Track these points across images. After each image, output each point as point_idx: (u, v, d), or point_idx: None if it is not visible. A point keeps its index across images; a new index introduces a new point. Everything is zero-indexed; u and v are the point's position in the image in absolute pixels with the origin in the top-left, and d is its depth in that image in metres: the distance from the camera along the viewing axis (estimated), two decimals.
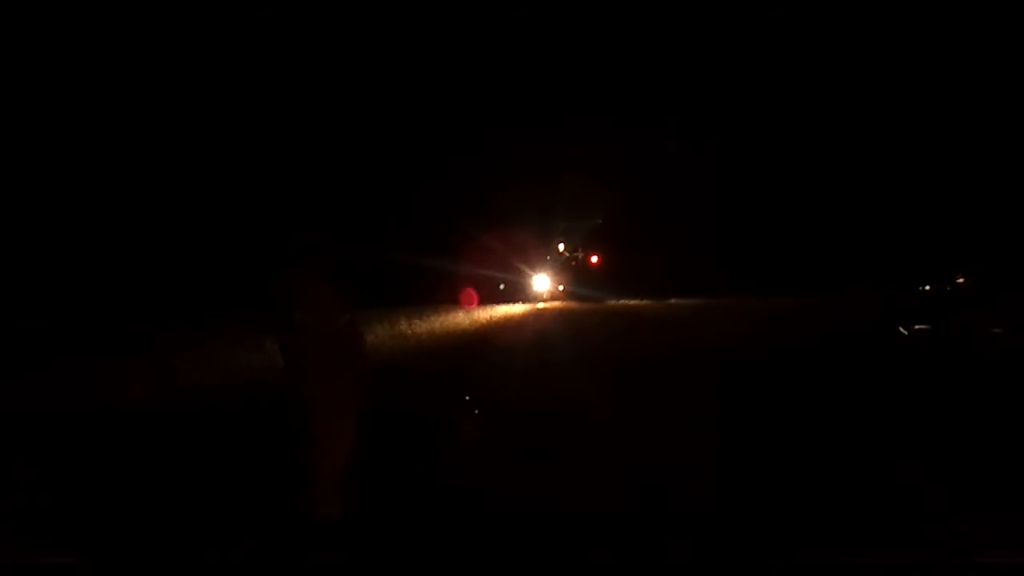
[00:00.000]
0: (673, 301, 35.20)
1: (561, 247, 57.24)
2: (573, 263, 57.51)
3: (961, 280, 14.30)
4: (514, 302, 38.38)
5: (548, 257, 56.08)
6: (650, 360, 11.60)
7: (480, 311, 26.20)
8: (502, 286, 43.31)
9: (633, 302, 38.48)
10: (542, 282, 53.62)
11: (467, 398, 6.46)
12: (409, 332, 16.64)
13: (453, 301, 24.91)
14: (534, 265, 52.90)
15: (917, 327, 13.34)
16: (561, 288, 54.38)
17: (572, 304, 42.87)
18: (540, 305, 41.24)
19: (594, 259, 56.63)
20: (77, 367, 9.09)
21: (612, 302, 40.57)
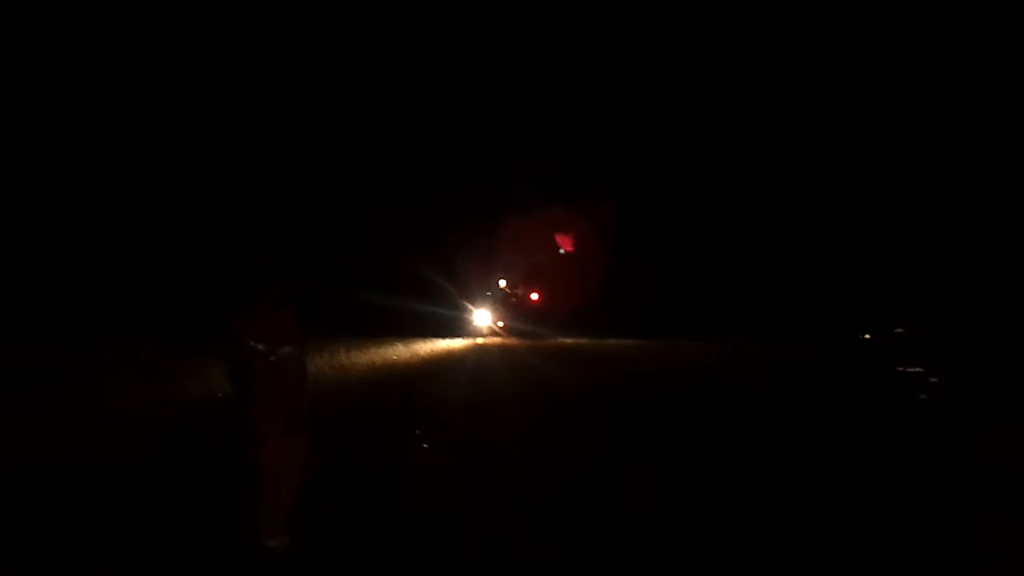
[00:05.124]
0: (611, 341, 35.56)
1: (502, 283, 57.39)
2: (513, 299, 57.61)
3: (900, 330, 14.70)
4: (454, 336, 38.24)
5: (488, 292, 56.14)
6: (588, 406, 11.78)
7: (419, 345, 26.08)
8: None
9: (571, 341, 38.72)
10: (482, 317, 53.58)
11: (417, 432, 6.43)
12: (349, 364, 16.43)
13: (394, 334, 24.88)
14: (475, 300, 52.89)
15: (857, 375, 13.58)
16: (501, 324, 54.40)
17: (512, 340, 42.90)
18: (480, 340, 41.16)
19: (534, 296, 56.85)
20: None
21: (551, 340, 40.74)
